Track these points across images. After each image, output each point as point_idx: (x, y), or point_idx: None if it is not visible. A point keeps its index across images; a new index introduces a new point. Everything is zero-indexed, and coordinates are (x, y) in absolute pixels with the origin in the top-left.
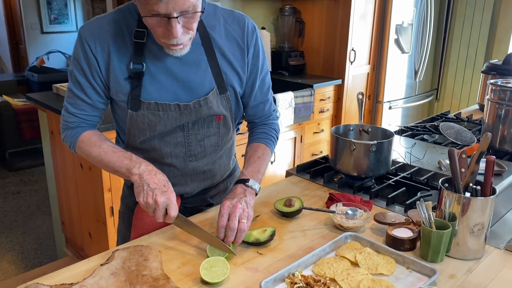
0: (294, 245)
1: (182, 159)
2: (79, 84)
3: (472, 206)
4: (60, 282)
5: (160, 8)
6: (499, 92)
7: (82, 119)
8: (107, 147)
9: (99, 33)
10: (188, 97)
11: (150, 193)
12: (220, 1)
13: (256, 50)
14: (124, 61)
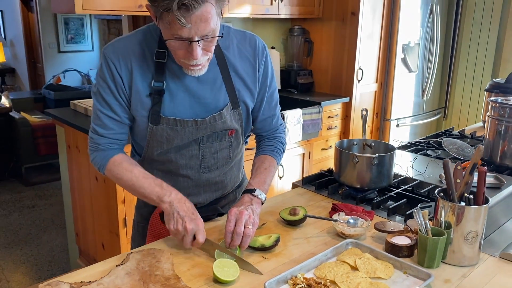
0: (297, 251)
1: (196, 170)
2: (106, 103)
3: (466, 215)
4: (79, 281)
5: (183, 33)
6: (499, 109)
7: (112, 139)
8: (138, 172)
9: (122, 53)
10: (204, 113)
11: (180, 221)
12: (232, 21)
13: (266, 68)
14: (146, 79)
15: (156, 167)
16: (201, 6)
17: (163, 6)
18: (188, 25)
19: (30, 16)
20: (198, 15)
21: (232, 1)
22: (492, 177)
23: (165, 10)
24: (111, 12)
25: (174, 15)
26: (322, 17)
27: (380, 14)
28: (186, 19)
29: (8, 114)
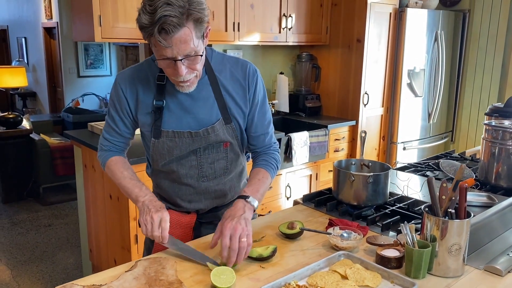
0: (293, 261)
1: (196, 179)
2: (112, 117)
3: (449, 228)
4: (91, 284)
5: (167, 53)
6: (492, 131)
7: (112, 143)
8: (127, 174)
9: (130, 79)
10: (198, 126)
11: (148, 212)
12: (243, 48)
13: (257, 89)
14: (150, 99)
15: (163, 177)
16: (179, 30)
17: (148, 32)
18: (169, 46)
19: (52, 43)
20: (177, 38)
21: (242, 30)
22: (485, 196)
23: (149, 35)
24: (127, 40)
25: (155, 39)
26: (329, 44)
27: (385, 41)
28: (167, 41)
29: (28, 136)
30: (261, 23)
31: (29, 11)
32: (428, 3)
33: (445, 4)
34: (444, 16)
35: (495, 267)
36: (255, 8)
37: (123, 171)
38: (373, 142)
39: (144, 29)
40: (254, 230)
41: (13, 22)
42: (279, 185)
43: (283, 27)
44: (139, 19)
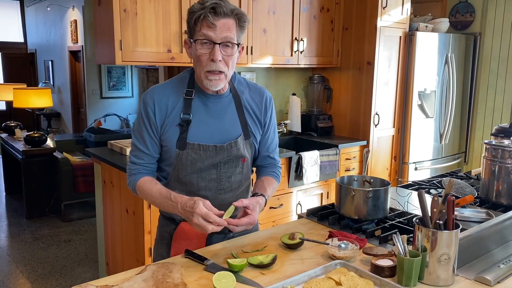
0: (292, 269)
1: (214, 191)
2: (142, 138)
3: (438, 239)
4: (103, 284)
5: (210, 34)
6: (492, 150)
7: (141, 166)
8: (156, 190)
9: (157, 96)
10: (222, 140)
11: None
12: (256, 71)
13: (272, 114)
14: (177, 113)
15: (180, 188)
16: (226, 17)
17: (197, 14)
18: (214, 25)
19: (77, 66)
20: (223, 22)
21: (255, 53)
22: (484, 213)
23: (197, 18)
24: (147, 63)
25: (206, 16)
26: (340, 66)
27: (395, 63)
28: (214, 21)
29: (52, 154)
30: (273, 46)
31: (56, 36)
32: (439, 26)
33: (456, 27)
34: (455, 39)
35: (485, 277)
36: (268, 32)
37: (152, 188)
38: (385, 162)
39: (194, 13)
40: (258, 240)
41: (41, 46)
42: (290, 203)
43: (295, 50)
44: (190, 8)
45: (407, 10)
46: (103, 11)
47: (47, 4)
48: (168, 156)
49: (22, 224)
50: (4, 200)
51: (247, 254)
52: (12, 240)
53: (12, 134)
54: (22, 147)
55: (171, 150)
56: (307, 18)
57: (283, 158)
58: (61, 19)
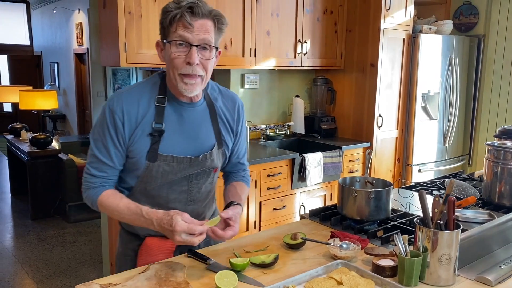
0: (294, 269)
1: (183, 203)
2: (106, 150)
3: (439, 239)
4: (108, 283)
5: (186, 35)
6: (494, 152)
7: (103, 179)
8: (123, 205)
9: (126, 103)
10: (196, 151)
11: (171, 232)
12: (259, 73)
13: (243, 122)
14: (148, 122)
15: (145, 200)
16: (203, 18)
17: (173, 14)
18: (191, 26)
19: (82, 68)
20: (200, 23)
21: (259, 55)
22: (486, 214)
23: (173, 17)
24: (151, 65)
25: (183, 16)
26: (343, 68)
27: (399, 65)
28: (192, 21)
29: (57, 156)
30: (277, 48)
31: (62, 38)
32: (443, 28)
33: (460, 29)
34: (459, 42)
35: (486, 277)
36: (271, 34)
37: (118, 204)
38: (388, 163)
39: (169, 12)
40: (260, 241)
41: (47, 48)
42: (294, 204)
43: (298, 52)
44: (164, 8)
45: (410, 12)
46: (108, 14)
47: (53, 7)
48: (134, 168)
49: (27, 225)
50: (10, 201)
51: (249, 254)
52: (18, 241)
53: (18, 136)
54: (27, 148)
55: (139, 162)
56: (310, 20)
57: (286, 159)
58: (66, 22)
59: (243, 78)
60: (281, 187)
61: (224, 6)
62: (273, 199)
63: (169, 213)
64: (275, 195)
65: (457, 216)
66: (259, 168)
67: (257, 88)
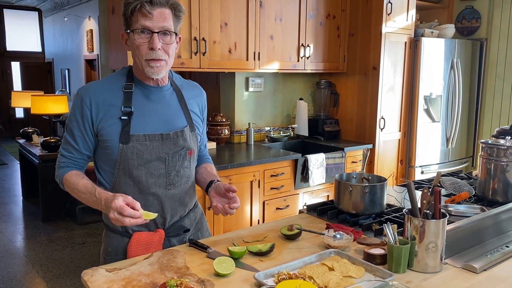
0: (289, 257)
1: (163, 187)
2: (72, 133)
3: (425, 228)
4: (113, 267)
5: (147, 23)
6: (487, 149)
7: (70, 160)
8: (82, 184)
9: (94, 91)
10: (167, 129)
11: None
12: (264, 76)
13: (206, 109)
14: (117, 107)
15: (128, 190)
16: (162, 7)
17: (133, 5)
18: (151, 14)
19: (93, 74)
20: (159, 11)
21: (262, 59)
22: (479, 208)
23: (133, 8)
24: None
25: (142, 6)
26: (346, 71)
27: (401, 68)
28: (151, 10)
29: None
30: (280, 52)
31: (72, 45)
32: (445, 32)
33: (463, 33)
34: (461, 45)
35: (471, 265)
36: (275, 38)
37: (78, 182)
38: (391, 165)
39: (130, 4)
40: (258, 232)
41: (58, 55)
42: (297, 204)
43: (302, 56)
44: (125, 1)
45: (412, 16)
46: (116, 19)
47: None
48: (109, 152)
49: (38, 227)
50: (22, 203)
51: (247, 244)
52: (29, 242)
53: (30, 140)
54: (38, 152)
55: (113, 146)
56: (313, 25)
57: (289, 160)
58: (77, 29)
59: (248, 81)
60: (284, 187)
61: (229, 11)
62: (276, 199)
63: (115, 194)
64: (278, 195)
65: (451, 210)
66: (263, 168)
67: (262, 91)
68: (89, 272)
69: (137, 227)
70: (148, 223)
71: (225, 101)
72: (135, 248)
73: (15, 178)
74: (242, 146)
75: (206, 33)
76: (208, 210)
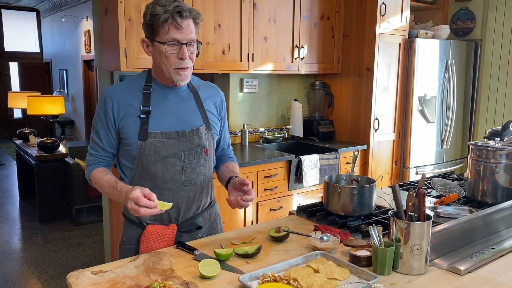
0: (275, 259)
1: (179, 183)
2: (97, 133)
3: (410, 230)
4: (99, 270)
5: (177, 35)
6: (477, 150)
7: (97, 157)
8: (106, 179)
9: (117, 92)
10: (184, 127)
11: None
12: (259, 77)
13: (224, 111)
14: (137, 106)
15: (145, 184)
16: (188, 19)
17: (164, 17)
18: (181, 27)
19: (90, 74)
20: (187, 23)
21: (256, 60)
22: (467, 210)
23: (164, 21)
24: None
25: (173, 19)
26: (341, 72)
27: (395, 69)
28: (181, 23)
29: (64, 160)
30: (274, 53)
31: (70, 46)
32: (439, 33)
33: (457, 34)
34: (455, 46)
35: (456, 267)
36: (269, 40)
37: (103, 178)
38: (385, 166)
39: (159, 16)
40: (246, 234)
41: (56, 55)
42: (290, 205)
43: (296, 57)
44: (152, 12)
45: (406, 17)
46: (109, 20)
47: (62, 15)
48: (129, 149)
49: (35, 228)
50: (18, 204)
51: (235, 246)
52: (25, 242)
53: (26, 141)
54: (35, 152)
55: (132, 143)
56: (307, 26)
57: (283, 161)
58: (75, 30)
59: (242, 83)
60: (278, 188)
61: (222, 12)
62: (270, 199)
63: (134, 187)
64: (272, 196)
65: (439, 212)
66: (256, 169)
67: (256, 92)
68: (74, 274)
69: (151, 220)
70: (162, 217)
71: None
72: (147, 239)
73: (12, 178)
74: (236, 147)
75: (199, 34)
76: None
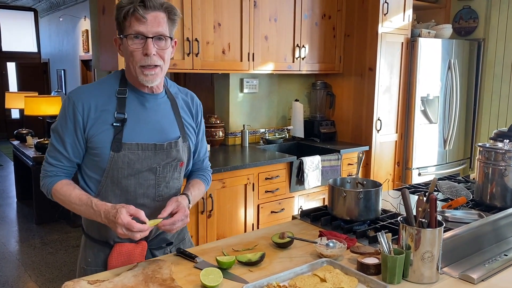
0: (280, 267)
1: (152, 199)
2: (62, 140)
3: (421, 237)
4: (95, 279)
5: (141, 28)
6: (485, 153)
7: (59, 168)
8: (75, 195)
9: (87, 96)
10: (161, 139)
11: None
12: (259, 77)
13: (202, 119)
14: (110, 113)
15: (114, 199)
16: (156, 11)
17: (126, 9)
18: (144, 19)
19: (88, 74)
20: (153, 15)
21: (257, 59)
22: (476, 214)
23: (126, 13)
24: None
25: (135, 10)
26: (342, 72)
27: (397, 69)
28: (145, 14)
29: None
30: (275, 53)
31: (68, 45)
32: (442, 32)
33: (460, 33)
34: (458, 45)
35: (469, 275)
36: (269, 39)
37: (71, 193)
38: (388, 167)
39: (123, 8)
40: (249, 240)
41: (54, 55)
42: (292, 207)
43: (297, 56)
44: (118, 4)
45: (408, 17)
46: (107, 19)
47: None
48: (98, 160)
49: (32, 230)
50: (15, 206)
51: (237, 253)
52: (22, 245)
53: (24, 142)
54: (32, 153)
55: (103, 154)
56: (308, 25)
57: (284, 162)
58: (73, 29)
59: (242, 83)
60: (279, 190)
61: (222, 11)
62: (271, 202)
63: (115, 206)
64: (273, 198)
65: (447, 216)
66: (257, 171)
67: (257, 92)
68: (69, 284)
69: (119, 238)
70: None
71: (219, 103)
72: (116, 260)
73: (9, 179)
74: (236, 148)
75: (199, 34)
76: (201, 214)
